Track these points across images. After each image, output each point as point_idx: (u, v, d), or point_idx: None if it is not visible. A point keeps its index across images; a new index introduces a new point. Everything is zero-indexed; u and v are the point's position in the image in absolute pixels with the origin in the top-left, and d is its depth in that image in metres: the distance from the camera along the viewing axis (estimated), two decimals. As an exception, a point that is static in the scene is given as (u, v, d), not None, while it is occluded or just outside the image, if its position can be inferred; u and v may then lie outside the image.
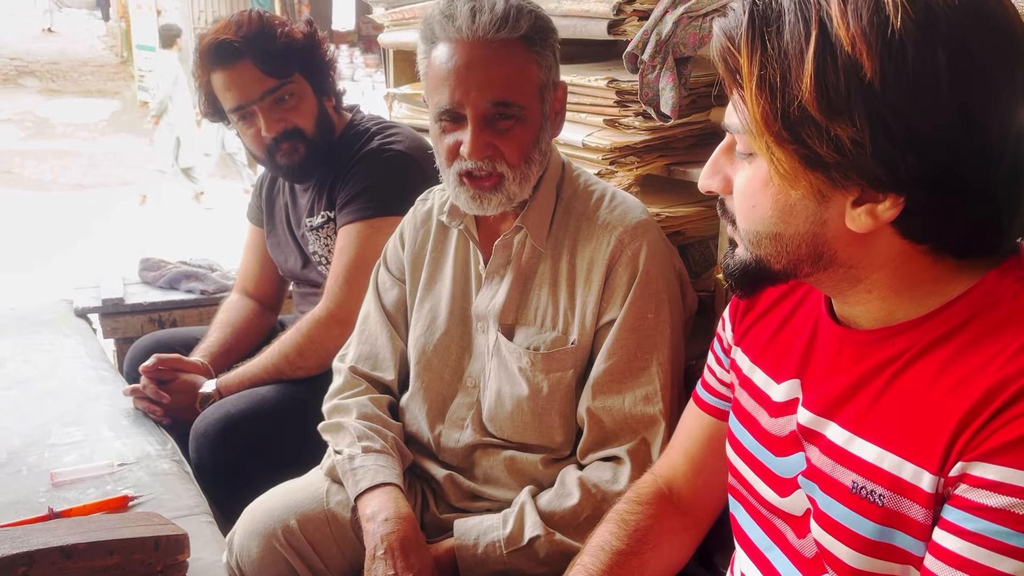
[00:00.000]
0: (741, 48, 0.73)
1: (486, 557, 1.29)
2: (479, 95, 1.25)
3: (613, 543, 1.06)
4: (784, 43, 0.70)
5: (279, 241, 2.13)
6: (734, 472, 0.99)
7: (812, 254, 0.78)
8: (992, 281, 0.76)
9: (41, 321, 2.33)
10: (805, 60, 0.69)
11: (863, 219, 0.73)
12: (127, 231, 6.67)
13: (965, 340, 0.75)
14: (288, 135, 1.88)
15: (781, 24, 0.71)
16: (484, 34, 1.25)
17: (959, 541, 0.71)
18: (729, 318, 1.06)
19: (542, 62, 1.30)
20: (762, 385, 0.96)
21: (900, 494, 0.76)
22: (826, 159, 0.71)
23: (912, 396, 0.77)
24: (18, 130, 11.05)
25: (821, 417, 0.85)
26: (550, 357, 1.34)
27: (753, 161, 0.78)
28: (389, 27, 2.44)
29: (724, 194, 0.85)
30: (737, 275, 0.85)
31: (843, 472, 0.81)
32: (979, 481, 0.70)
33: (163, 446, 1.70)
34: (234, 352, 2.04)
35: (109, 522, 1.27)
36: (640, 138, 1.58)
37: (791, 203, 0.76)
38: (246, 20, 1.85)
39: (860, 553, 0.79)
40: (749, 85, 0.72)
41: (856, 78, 0.68)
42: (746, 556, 0.99)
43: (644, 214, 1.36)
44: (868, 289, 0.80)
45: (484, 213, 1.35)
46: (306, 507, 1.41)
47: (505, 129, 1.28)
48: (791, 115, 0.71)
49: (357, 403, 1.48)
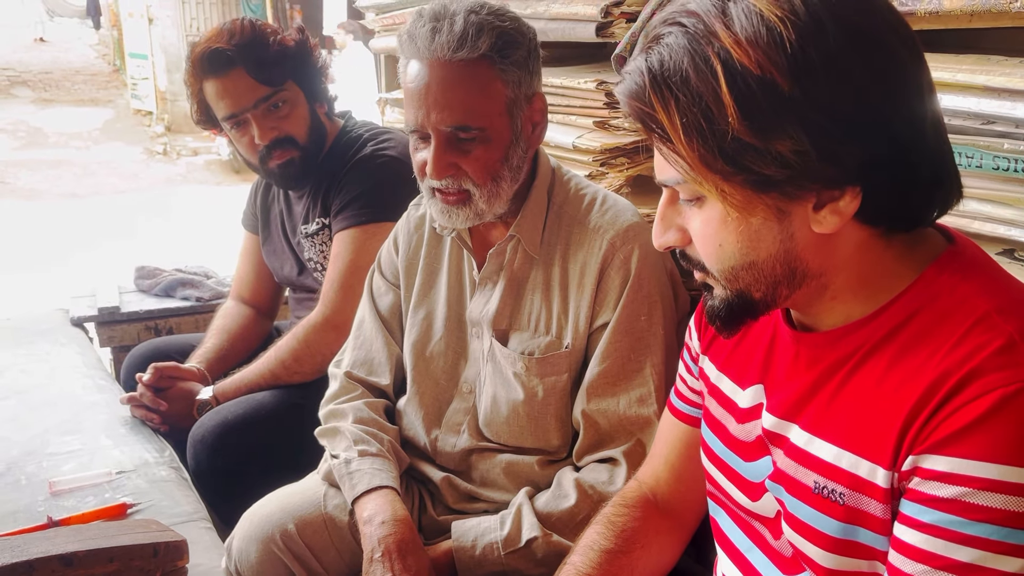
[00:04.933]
0: (654, 105, 0.74)
1: (484, 558, 1.29)
2: (438, 118, 1.25)
3: (602, 543, 1.07)
4: (693, 88, 0.71)
5: (275, 248, 2.14)
6: (709, 478, 1.01)
7: (787, 272, 0.79)
8: (931, 276, 0.78)
9: (37, 331, 2.34)
10: (721, 95, 0.70)
11: (829, 219, 0.75)
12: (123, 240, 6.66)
13: (909, 336, 0.77)
14: (281, 142, 1.89)
15: (682, 73, 0.72)
16: (443, 55, 1.23)
17: (917, 534, 0.72)
18: (695, 327, 1.07)
19: (507, 78, 1.26)
20: (729, 392, 0.97)
21: (859, 491, 0.78)
22: (776, 177, 0.72)
23: (864, 394, 0.79)
24: (11, 140, 11.03)
25: (784, 420, 0.86)
26: (545, 361, 1.35)
27: (703, 204, 0.79)
28: (380, 32, 2.46)
29: (682, 246, 0.85)
30: (723, 315, 0.84)
31: (805, 473, 0.83)
32: (929, 473, 0.71)
33: (161, 453, 1.70)
34: (230, 358, 2.05)
35: (108, 529, 1.28)
36: (630, 139, 1.59)
37: (754, 230, 0.77)
38: (238, 28, 1.86)
39: (829, 552, 0.81)
40: (676, 136, 0.73)
41: (776, 95, 0.69)
42: (728, 559, 1.00)
43: (635, 217, 1.37)
44: (832, 296, 0.81)
45: (454, 226, 1.36)
46: (304, 511, 1.41)
47: (468, 150, 1.27)
48: (728, 149, 0.72)
49: (353, 408, 1.48)
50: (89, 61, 15.52)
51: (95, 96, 13.57)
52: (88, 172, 9.66)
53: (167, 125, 11.57)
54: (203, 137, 10.24)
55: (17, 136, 11.23)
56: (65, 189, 8.98)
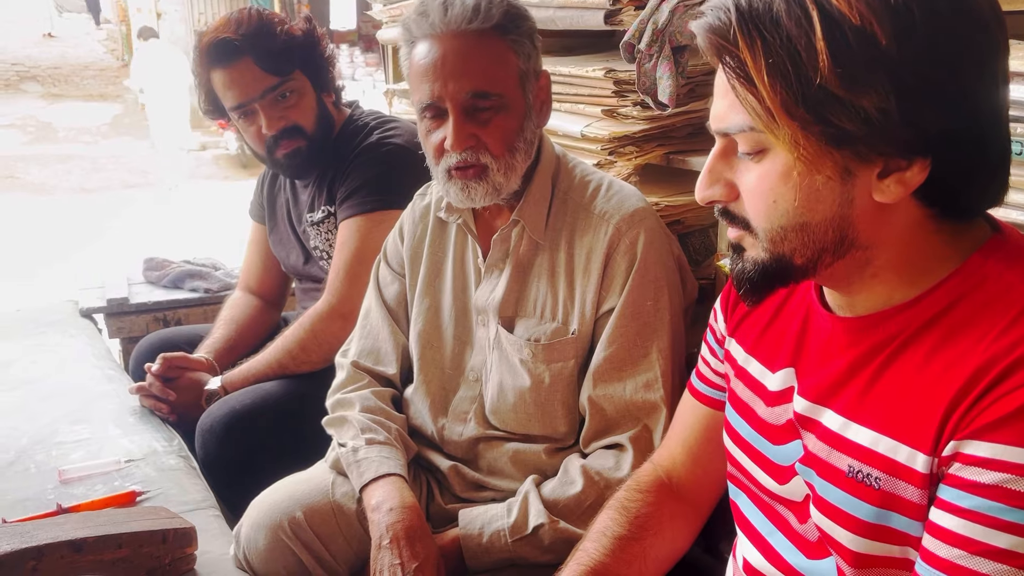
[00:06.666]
0: (739, 44, 0.72)
1: (491, 546, 1.29)
2: (457, 87, 1.26)
3: (614, 528, 1.07)
4: (784, 30, 0.69)
5: (281, 238, 2.14)
6: (733, 461, 1.00)
7: (837, 239, 0.77)
8: (977, 262, 0.77)
9: (47, 322, 2.35)
10: (815, 40, 0.68)
11: (893, 188, 0.73)
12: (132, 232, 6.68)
13: (953, 322, 0.76)
14: (289, 132, 1.88)
15: (773, 13, 0.70)
16: (457, 27, 1.25)
17: (955, 519, 0.71)
18: (721, 309, 1.06)
19: (520, 50, 1.30)
20: (758, 375, 0.96)
21: (896, 476, 0.77)
22: (854, 133, 0.70)
23: (905, 379, 0.78)
24: (21, 135, 11.08)
25: (817, 404, 0.86)
26: (551, 348, 1.35)
27: (764, 157, 0.76)
28: (387, 23, 2.45)
29: (727, 202, 0.82)
30: (756, 279, 0.82)
31: (839, 457, 0.82)
32: (971, 459, 0.70)
33: (169, 442, 1.71)
34: (238, 348, 2.05)
35: (117, 516, 1.29)
36: (639, 127, 1.58)
37: (816, 188, 0.74)
38: (246, 18, 1.86)
39: (859, 536, 0.80)
40: (760, 77, 0.71)
41: (872, 47, 0.68)
42: (748, 542, 0.99)
43: (641, 202, 1.37)
44: (874, 273, 0.80)
45: (473, 205, 1.36)
46: (312, 499, 1.42)
47: (487, 120, 1.28)
48: (812, 97, 0.70)
49: (360, 397, 1.48)
50: (98, 56, 15.59)
51: (104, 91, 13.63)
52: (97, 167, 9.70)
53: (175, 120, 11.59)
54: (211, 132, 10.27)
55: (27, 131, 11.28)
56: (74, 184, 9.01)
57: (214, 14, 11.37)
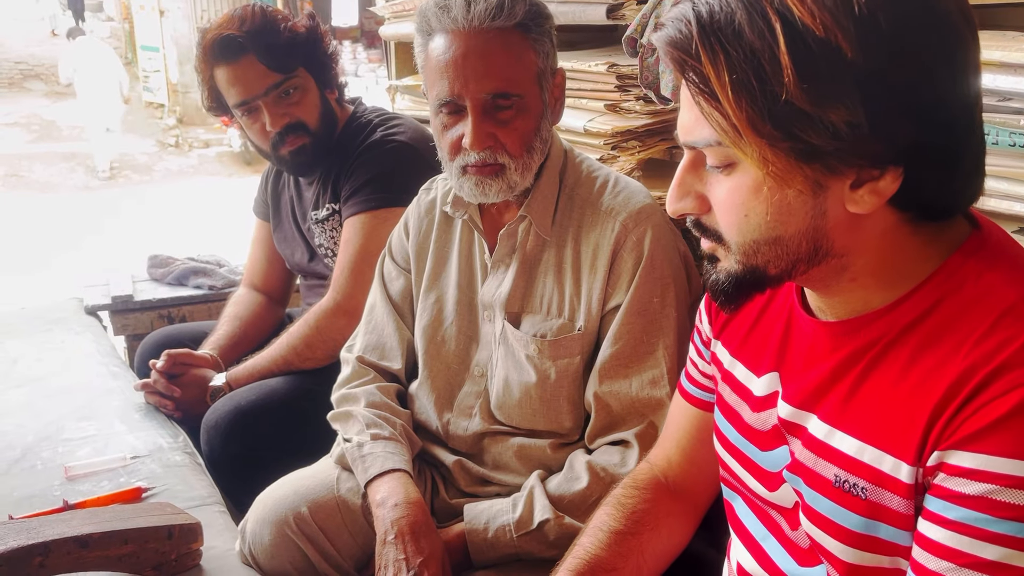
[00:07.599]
0: (700, 57, 0.69)
1: (496, 541, 1.30)
2: (478, 86, 1.25)
3: (611, 524, 1.07)
4: (746, 43, 0.67)
5: (285, 235, 2.14)
6: (724, 466, 0.99)
7: (811, 250, 0.75)
8: (956, 262, 0.75)
9: (52, 319, 2.36)
10: (779, 55, 0.65)
11: (867, 199, 0.71)
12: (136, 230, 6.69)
13: (933, 326, 0.74)
14: (292, 129, 1.88)
15: (735, 26, 0.67)
16: (480, 23, 1.23)
17: (942, 531, 0.70)
18: (706, 311, 1.04)
19: (539, 49, 1.29)
20: (743, 379, 0.95)
21: (881, 486, 0.76)
22: (824, 148, 0.68)
23: (886, 387, 0.76)
24: (25, 133, 11.10)
25: (801, 410, 0.84)
26: (557, 344, 1.35)
27: (733, 171, 0.74)
28: (390, 19, 2.45)
29: (699, 214, 0.80)
30: (729, 289, 0.80)
31: (825, 466, 0.81)
32: (956, 469, 0.69)
33: (175, 439, 1.72)
34: (243, 345, 2.06)
35: (123, 512, 1.29)
36: (641, 122, 1.58)
37: (788, 202, 0.72)
38: (249, 15, 1.86)
39: (848, 546, 0.79)
40: (724, 93, 0.68)
41: (838, 60, 0.65)
42: (742, 546, 0.98)
43: (648, 199, 1.36)
44: (852, 278, 0.78)
45: (487, 201, 1.35)
46: (317, 494, 1.42)
47: (506, 120, 1.27)
48: (778, 113, 0.67)
49: (365, 392, 1.49)
50: (101, 54, 15.54)
51: (108, 89, 13.60)
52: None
53: (179, 117, 11.61)
54: (215, 129, 10.28)
55: (31, 129, 11.30)
56: (79, 182, 9.04)
57: (217, 11, 11.36)
